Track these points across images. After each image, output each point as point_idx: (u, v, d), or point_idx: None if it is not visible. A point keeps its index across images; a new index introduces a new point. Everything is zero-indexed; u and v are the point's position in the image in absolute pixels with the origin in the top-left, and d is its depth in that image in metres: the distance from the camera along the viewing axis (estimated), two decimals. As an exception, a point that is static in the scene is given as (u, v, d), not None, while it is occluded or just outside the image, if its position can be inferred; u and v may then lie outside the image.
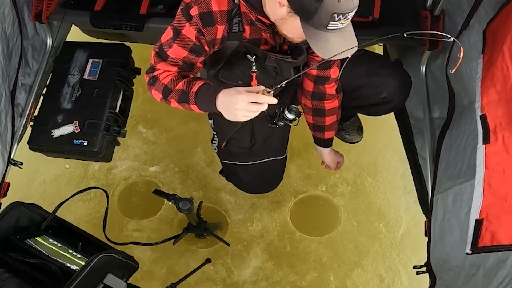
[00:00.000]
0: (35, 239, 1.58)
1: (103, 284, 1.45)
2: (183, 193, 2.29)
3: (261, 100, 1.16)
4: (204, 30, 1.26)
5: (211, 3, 1.24)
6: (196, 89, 1.27)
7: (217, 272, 2.18)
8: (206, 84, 1.28)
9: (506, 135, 1.15)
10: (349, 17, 1.12)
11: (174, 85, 1.30)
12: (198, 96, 1.27)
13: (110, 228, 1.94)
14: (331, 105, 1.63)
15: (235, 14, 1.28)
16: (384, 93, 1.59)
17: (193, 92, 1.27)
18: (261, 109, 1.18)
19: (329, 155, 1.85)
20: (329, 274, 2.17)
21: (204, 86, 1.27)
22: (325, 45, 1.15)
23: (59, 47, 2.20)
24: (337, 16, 1.09)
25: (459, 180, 1.44)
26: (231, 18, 1.28)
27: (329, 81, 1.54)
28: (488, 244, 1.12)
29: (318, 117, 1.68)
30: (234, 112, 1.19)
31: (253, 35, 1.34)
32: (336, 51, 1.16)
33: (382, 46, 2.36)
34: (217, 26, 1.27)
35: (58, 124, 1.96)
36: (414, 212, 2.22)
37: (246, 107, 1.17)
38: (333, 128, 1.73)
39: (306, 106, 1.68)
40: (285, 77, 1.49)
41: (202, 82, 1.28)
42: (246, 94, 1.17)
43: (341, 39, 1.16)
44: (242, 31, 1.31)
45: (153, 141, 2.47)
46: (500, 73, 1.20)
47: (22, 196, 1.75)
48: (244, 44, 1.35)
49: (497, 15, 1.32)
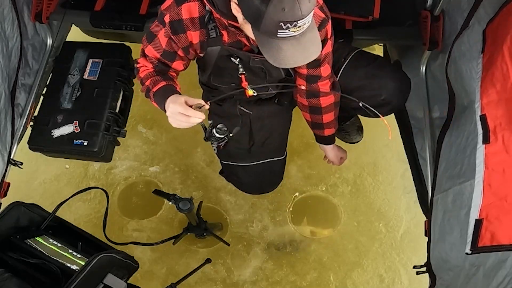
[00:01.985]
0: (35, 239, 1.58)
1: (103, 284, 1.45)
2: (183, 193, 2.29)
3: (188, 113, 1.22)
4: (175, 37, 1.32)
5: (181, 11, 1.27)
6: (156, 89, 1.34)
7: (217, 272, 2.18)
8: (166, 86, 1.34)
9: (506, 135, 1.15)
10: (301, 25, 1.07)
11: (145, 80, 1.39)
12: (155, 96, 1.35)
13: (110, 228, 1.94)
14: (327, 102, 1.62)
15: (208, 19, 1.30)
16: (383, 95, 1.59)
17: (153, 91, 1.35)
18: (189, 121, 1.23)
19: (332, 151, 1.85)
20: (329, 274, 2.17)
21: (162, 88, 1.34)
22: (277, 54, 1.13)
23: (59, 47, 2.20)
24: (284, 24, 1.05)
25: (459, 180, 1.44)
26: (205, 24, 1.31)
27: (321, 79, 1.53)
28: (488, 244, 1.12)
29: (316, 114, 1.68)
30: (168, 118, 1.27)
31: (232, 39, 1.35)
32: (289, 60, 1.14)
33: (382, 46, 2.37)
34: (189, 33, 1.32)
35: (58, 124, 1.96)
36: (414, 212, 2.22)
37: (174, 117, 1.24)
38: (332, 125, 1.73)
39: (302, 104, 1.68)
40: (274, 77, 1.51)
41: (164, 83, 1.35)
42: (179, 105, 1.23)
43: (296, 46, 1.12)
44: (220, 35, 1.34)
45: (153, 141, 2.47)
46: (500, 73, 1.20)
47: (22, 196, 1.74)
48: (226, 48, 1.37)
49: (497, 15, 1.32)
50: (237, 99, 1.71)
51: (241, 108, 1.72)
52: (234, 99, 1.71)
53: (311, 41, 1.15)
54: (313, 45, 1.16)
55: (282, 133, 1.83)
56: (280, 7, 1.03)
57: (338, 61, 1.63)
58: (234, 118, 1.74)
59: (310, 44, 1.15)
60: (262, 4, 1.04)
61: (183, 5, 1.27)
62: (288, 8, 1.03)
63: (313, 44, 1.16)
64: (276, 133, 1.80)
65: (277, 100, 1.75)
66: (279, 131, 1.81)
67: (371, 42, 2.25)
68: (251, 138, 1.77)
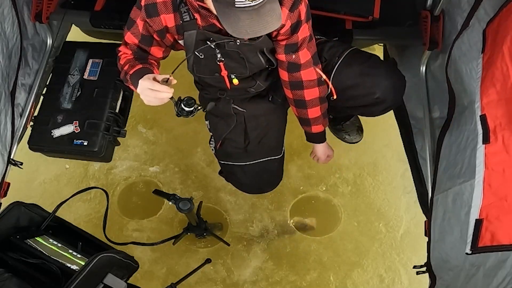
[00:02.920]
0: (35, 239, 1.58)
1: (103, 284, 1.45)
2: (183, 193, 2.29)
3: (155, 88, 1.25)
4: (149, 20, 1.36)
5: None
6: (132, 71, 1.38)
7: (217, 272, 2.18)
8: (142, 68, 1.37)
9: (506, 135, 1.15)
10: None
11: (124, 66, 1.43)
12: (132, 78, 1.38)
13: (110, 228, 1.94)
14: (311, 95, 1.60)
15: (180, 2, 1.34)
16: (376, 94, 1.58)
17: (129, 74, 1.39)
18: (158, 96, 1.27)
19: (321, 147, 1.84)
20: (329, 274, 2.17)
21: (138, 70, 1.37)
22: (235, 24, 1.16)
23: (59, 47, 2.20)
24: None
25: (459, 180, 1.44)
26: (177, 7, 1.34)
27: (302, 67, 1.53)
28: (488, 244, 1.12)
29: (301, 109, 1.66)
30: (140, 95, 1.31)
31: (205, 22, 1.37)
32: (247, 30, 1.16)
33: (382, 46, 2.37)
34: (163, 16, 1.36)
35: (58, 124, 1.96)
36: (414, 212, 2.22)
37: (144, 93, 1.28)
38: (319, 122, 1.71)
39: (288, 98, 1.67)
40: (253, 62, 1.52)
41: (141, 66, 1.39)
42: (147, 80, 1.27)
43: (255, 17, 1.15)
44: (194, 19, 1.36)
45: (153, 141, 2.47)
46: (500, 73, 1.19)
47: (22, 196, 1.74)
48: (201, 31, 1.39)
49: (497, 15, 1.32)
50: (230, 98, 1.71)
51: (235, 107, 1.73)
52: (228, 98, 1.71)
53: (270, 13, 1.17)
54: (271, 16, 1.18)
55: (277, 132, 1.83)
56: None
57: (332, 59, 1.62)
58: (229, 117, 1.74)
59: (269, 16, 1.17)
60: None
61: None
62: None
63: (272, 15, 1.18)
64: (272, 132, 1.79)
65: (271, 97, 1.75)
66: (274, 129, 1.81)
67: (371, 42, 2.25)
68: (246, 137, 1.77)
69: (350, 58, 1.62)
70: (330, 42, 1.68)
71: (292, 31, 1.41)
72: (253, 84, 1.63)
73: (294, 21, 1.39)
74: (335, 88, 1.61)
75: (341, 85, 1.61)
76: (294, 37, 1.43)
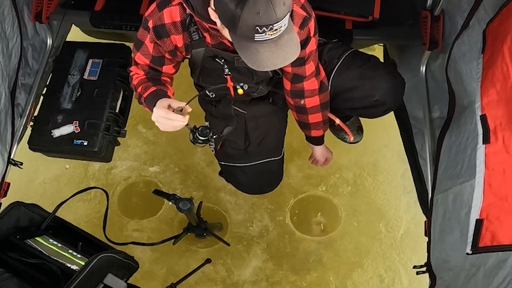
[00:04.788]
0: (35, 239, 1.58)
1: (103, 284, 1.45)
2: (183, 193, 2.29)
3: (170, 117, 1.24)
4: (160, 41, 1.35)
5: (163, 16, 1.30)
6: (146, 95, 1.37)
7: (217, 272, 2.18)
8: (156, 91, 1.37)
9: (506, 135, 1.15)
10: (277, 28, 1.07)
11: (137, 87, 1.42)
12: (146, 101, 1.38)
13: (110, 228, 1.94)
14: (311, 103, 1.61)
15: (189, 22, 1.32)
16: (376, 96, 1.58)
17: (144, 97, 1.38)
18: (172, 124, 1.26)
19: (319, 149, 1.84)
20: (329, 274, 2.17)
21: (152, 93, 1.36)
22: (255, 57, 1.14)
23: (59, 47, 2.20)
24: (260, 28, 1.06)
25: (459, 180, 1.44)
26: (187, 27, 1.33)
27: (306, 78, 1.53)
28: (489, 244, 1.12)
29: (301, 114, 1.68)
30: (155, 123, 1.29)
31: (214, 41, 1.37)
32: (267, 63, 1.14)
33: (382, 46, 2.37)
34: (173, 37, 1.34)
35: (58, 124, 1.96)
36: (414, 212, 2.22)
37: (159, 121, 1.27)
38: (319, 127, 1.72)
39: (289, 103, 1.68)
40: (260, 75, 1.52)
41: (154, 89, 1.37)
42: (161, 109, 1.26)
43: (273, 49, 1.13)
44: (203, 37, 1.35)
45: (153, 141, 2.47)
46: (500, 73, 1.20)
47: (22, 196, 1.74)
48: (210, 49, 1.39)
49: (497, 15, 1.32)
50: (231, 100, 1.71)
51: (235, 108, 1.73)
52: (229, 100, 1.71)
53: (289, 43, 1.15)
54: (291, 47, 1.16)
55: (278, 133, 1.83)
56: (255, 11, 1.03)
57: (331, 61, 1.63)
58: (229, 119, 1.74)
59: (288, 46, 1.15)
60: (237, 8, 1.04)
61: (164, 10, 1.29)
62: (263, 11, 1.03)
63: (291, 46, 1.16)
64: (272, 133, 1.80)
65: (271, 99, 1.75)
66: (274, 130, 1.81)
67: (371, 42, 2.24)
68: (247, 138, 1.77)
69: (349, 60, 1.62)
70: (329, 44, 1.68)
71: (301, 47, 1.40)
72: (256, 89, 1.63)
73: (304, 37, 1.38)
74: (334, 90, 1.61)
75: (340, 87, 1.62)
76: (302, 52, 1.41)
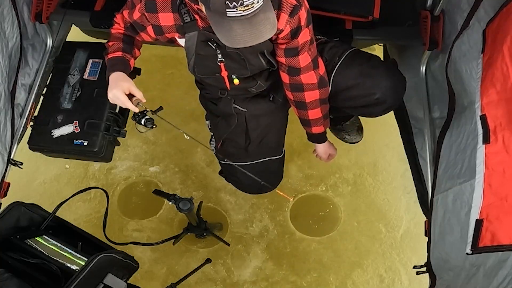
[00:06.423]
0: (35, 239, 1.58)
1: (103, 284, 1.46)
2: (183, 193, 2.29)
3: (127, 106, 1.40)
4: (147, 14, 1.40)
5: None
6: (109, 57, 1.48)
7: (217, 272, 2.18)
8: (119, 58, 1.47)
9: (506, 135, 1.14)
10: (248, 4, 1.10)
11: (111, 40, 1.53)
12: (108, 62, 1.48)
13: (110, 228, 1.94)
14: (311, 97, 1.60)
15: (180, 3, 1.35)
16: (376, 95, 1.58)
17: (108, 57, 1.49)
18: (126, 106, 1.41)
19: (322, 146, 1.84)
20: (329, 274, 2.17)
21: (115, 58, 1.47)
22: (228, 33, 1.16)
23: (59, 47, 2.19)
24: (230, 3, 1.08)
25: (459, 180, 1.44)
26: (177, 8, 1.36)
27: (302, 70, 1.53)
28: (489, 244, 1.11)
29: (301, 110, 1.67)
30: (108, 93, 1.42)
31: (205, 23, 1.38)
32: (239, 39, 1.17)
33: (382, 46, 2.37)
34: (161, 14, 1.38)
35: (58, 124, 1.96)
36: (414, 212, 2.22)
37: (114, 99, 1.41)
38: (320, 123, 1.71)
39: (289, 99, 1.67)
40: (254, 64, 1.52)
41: (120, 54, 1.47)
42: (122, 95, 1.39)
43: (248, 27, 1.15)
44: (194, 20, 1.37)
45: (153, 141, 2.47)
46: (500, 73, 1.19)
47: (22, 196, 1.74)
48: (202, 32, 1.40)
49: (497, 15, 1.32)
50: (231, 98, 1.71)
51: (236, 107, 1.72)
52: (229, 98, 1.71)
53: (263, 22, 1.16)
54: (265, 25, 1.17)
55: (278, 132, 1.83)
56: None
57: (332, 59, 1.62)
58: (230, 117, 1.74)
59: (262, 25, 1.17)
60: None
61: None
62: None
63: (265, 25, 1.17)
64: (273, 132, 1.79)
65: (272, 97, 1.75)
66: (275, 129, 1.81)
67: (371, 42, 2.24)
68: (247, 137, 1.77)
69: (350, 58, 1.62)
70: (330, 43, 1.68)
71: (292, 36, 1.41)
72: (254, 84, 1.63)
73: (294, 26, 1.38)
74: (335, 88, 1.61)
75: (341, 85, 1.61)
76: (294, 42, 1.42)
